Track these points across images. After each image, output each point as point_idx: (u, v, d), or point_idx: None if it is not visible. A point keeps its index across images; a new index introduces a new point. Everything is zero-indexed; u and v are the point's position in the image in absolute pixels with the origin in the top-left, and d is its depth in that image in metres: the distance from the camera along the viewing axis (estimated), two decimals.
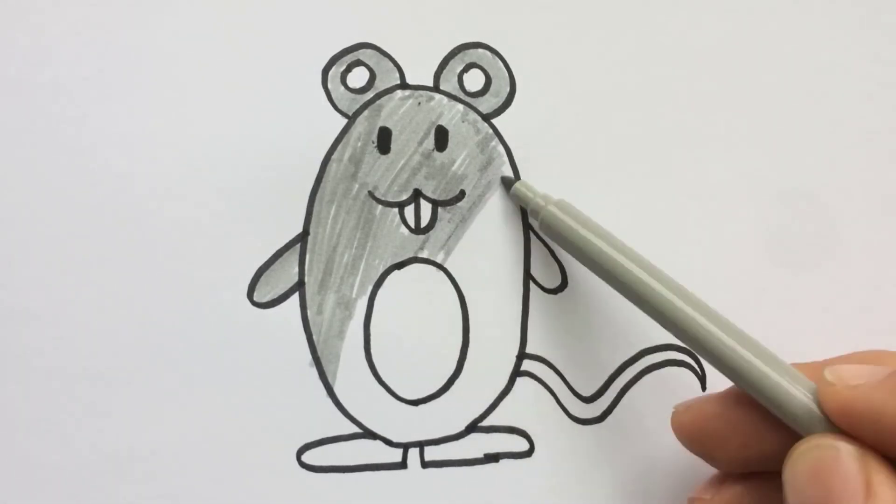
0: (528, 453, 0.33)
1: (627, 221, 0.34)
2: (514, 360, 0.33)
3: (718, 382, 0.34)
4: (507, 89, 0.34)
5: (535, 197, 0.32)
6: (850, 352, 0.28)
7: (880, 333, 0.35)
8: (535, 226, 0.33)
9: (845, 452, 0.23)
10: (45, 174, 0.32)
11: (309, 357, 0.33)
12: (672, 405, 0.30)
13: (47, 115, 0.32)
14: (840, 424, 0.24)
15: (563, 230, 0.30)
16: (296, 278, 0.33)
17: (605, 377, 0.33)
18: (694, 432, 0.28)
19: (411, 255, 0.33)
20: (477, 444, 0.33)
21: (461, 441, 0.33)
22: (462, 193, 0.33)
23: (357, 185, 0.33)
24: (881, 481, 0.23)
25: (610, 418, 0.33)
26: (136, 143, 0.32)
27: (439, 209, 0.33)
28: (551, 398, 0.33)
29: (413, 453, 0.33)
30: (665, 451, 0.33)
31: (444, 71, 0.33)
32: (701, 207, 0.34)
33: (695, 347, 0.27)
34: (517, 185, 0.32)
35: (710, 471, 0.30)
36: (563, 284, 0.34)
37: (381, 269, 0.33)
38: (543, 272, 0.33)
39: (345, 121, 0.33)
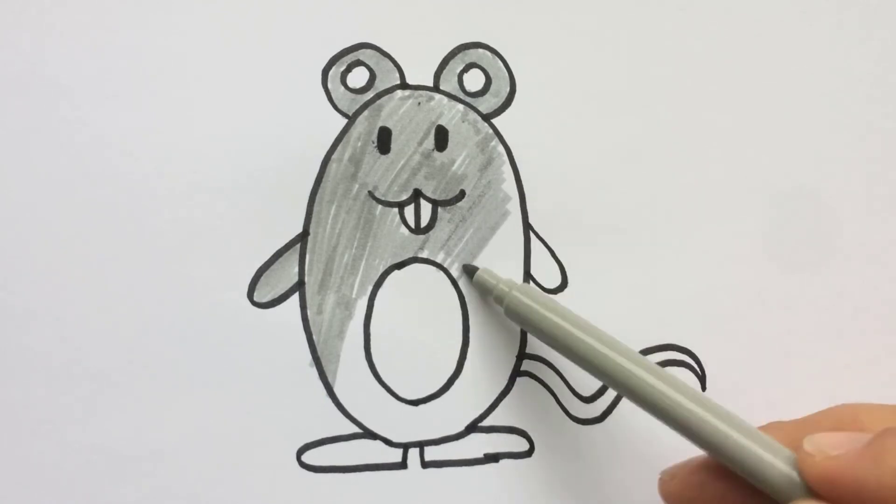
0: (528, 453, 0.33)
1: (627, 221, 0.34)
2: (514, 360, 0.33)
3: (719, 383, 0.34)
4: (507, 89, 0.34)
5: (498, 284, 0.31)
6: (823, 409, 0.28)
7: (880, 333, 0.35)
8: (499, 311, 0.32)
9: None
10: (45, 174, 0.32)
11: (309, 357, 0.33)
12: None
13: (47, 115, 0.32)
14: (821, 493, 0.24)
15: (528, 314, 0.30)
16: (296, 278, 0.33)
17: None
18: (682, 501, 0.28)
19: (411, 255, 0.33)
20: (477, 444, 0.33)
21: (461, 441, 0.33)
22: (462, 193, 0.33)
23: (357, 185, 0.33)
24: None
25: (610, 418, 0.33)
26: (136, 144, 0.32)
27: (439, 209, 0.33)
28: (551, 398, 0.33)
29: (413, 453, 0.33)
30: (664, 451, 0.33)
31: (444, 71, 0.33)
32: (701, 207, 0.34)
33: (670, 424, 0.27)
34: (479, 273, 0.32)
35: None
36: (563, 284, 0.34)
37: (381, 269, 0.33)
38: (543, 272, 0.33)
39: (345, 121, 0.33)
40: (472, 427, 0.33)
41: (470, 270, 0.33)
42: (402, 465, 0.33)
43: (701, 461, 0.28)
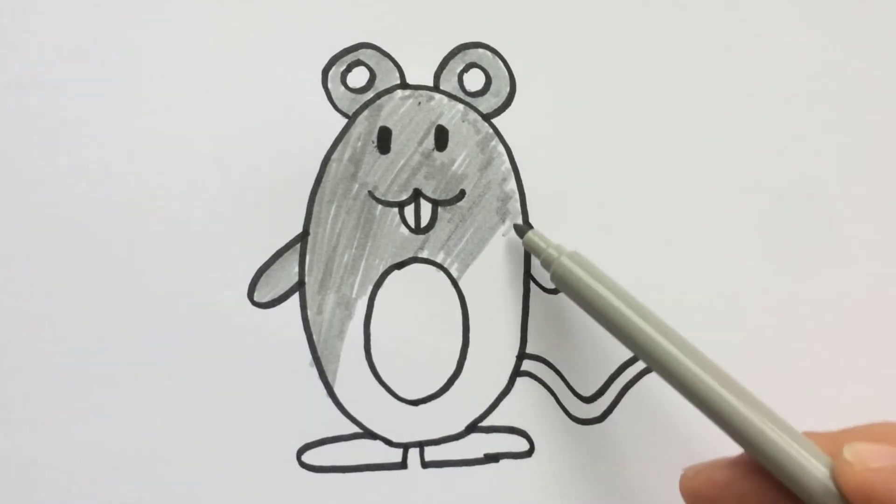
0: (528, 453, 0.33)
1: (627, 221, 0.34)
2: (514, 360, 0.33)
3: None
4: (507, 89, 0.34)
5: (548, 248, 0.31)
6: (862, 424, 0.27)
7: (880, 333, 0.35)
8: (545, 274, 0.32)
9: None
10: (45, 174, 0.32)
11: (309, 357, 0.33)
12: (672, 404, 0.30)
13: (46, 115, 0.32)
14: None
15: (575, 283, 0.30)
16: (296, 278, 0.33)
17: (605, 377, 0.33)
18: (703, 499, 0.27)
19: (411, 255, 0.33)
20: (477, 444, 0.33)
21: (461, 441, 0.33)
22: (462, 193, 0.33)
23: (357, 185, 0.33)
24: None
25: (610, 418, 0.33)
26: (136, 144, 0.32)
27: (439, 209, 0.33)
28: (551, 398, 0.33)
29: (413, 453, 0.33)
30: (665, 451, 0.33)
31: (444, 71, 0.33)
32: (701, 207, 0.34)
33: (709, 415, 0.26)
34: (529, 234, 0.32)
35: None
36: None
37: (381, 269, 0.33)
38: (544, 272, 0.33)
39: (345, 121, 0.33)
40: (472, 427, 0.33)
41: (521, 230, 0.32)
42: (402, 465, 0.33)
43: (728, 460, 0.27)
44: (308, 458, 0.32)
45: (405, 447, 0.33)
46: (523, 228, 0.32)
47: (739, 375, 0.34)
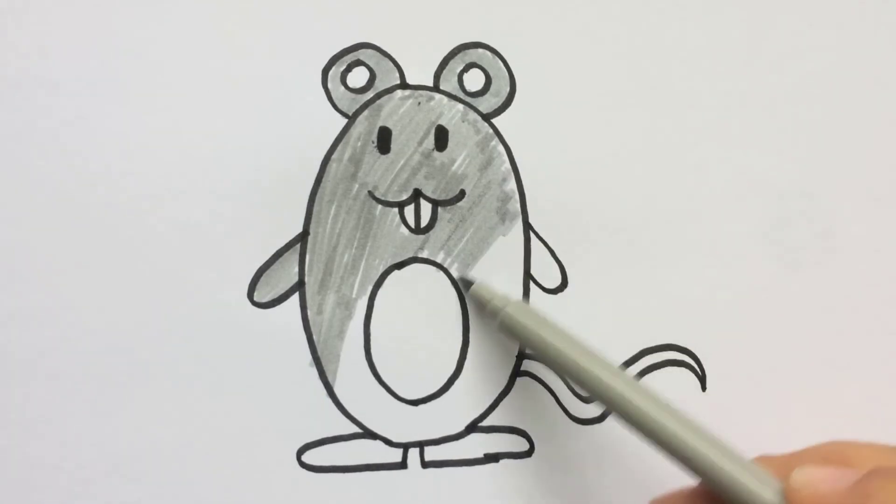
0: (528, 453, 0.33)
1: (627, 221, 0.34)
2: (513, 360, 0.33)
3: (719, 383, 0.34)
4: (507, 89, 0.34)
5: (493, 299, 0.32)
6: (812, 445, 0.28)
7: (880, 333, 0.35)
8: (493, 326, 0.32)
9: None
10: (44, 174, 0.32)
11: (309, 357, 0.33)
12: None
13: (47, 115, 0.32)
14: None
15: (521, 331, 0.31)
16: (296, 278, 0.33)
17: None
18: None
19: (411, 255, 0.33)
20: (477, 444, 0.33)
21: (461, 441, 0.33)
22: (462, 193, 0.33)
23: (357, 185, 0.33)
24: None
25: (610, 418, 0.33)
26: (136, 144, 0.32)
27: (439, 209, 0.33)
28: (551, 398, 0.33)
29: (413, 453, 0.33)
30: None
31: (444, 71, 0.33)
32: (701, 207, 0.34)
33: (662, 450, 0.27)
34: (474, 287, 0.32)
35: None
36: (563, 284, 0.34)
37: (381, 269, 0.33)
38: (543, 272, 0.33)
39: (345, 121, 0.33)
40: (472, 427, 0.33)
41: (466, 284, 0.33)
42: (402, 465, 0.33)
43: (689, 490, 0.28)
44: (308, 458, 0.32)
45: (405, 447, 0.33)
46: (467, 282, 0.33)
47: (739, 375, 0.34)
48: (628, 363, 0.34)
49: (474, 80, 0.33)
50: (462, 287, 0.33)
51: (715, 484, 0.26)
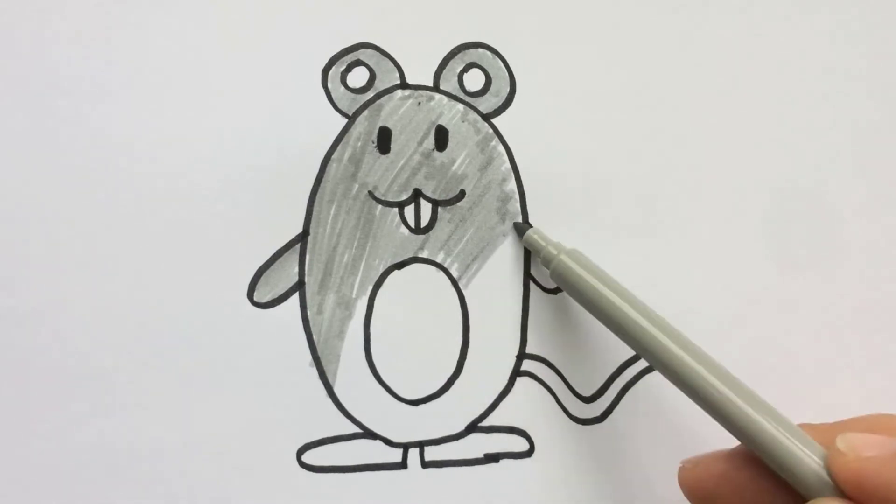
0: (528, 453, 0.33)
1: (627, 221, 0.34)
2: (514, 360, 0.33)
3: None
4: (507, 89, 0.34)
5: (547, 245, 0.31)
6: (859, 415, 0.28)
7: (881, 333, 0.35)
8: (545, 274, 0.32)
9: None
10: (44, 174, 0.32)
11: (309, 357, 0.33)
12: (672, 404, 0.30)
13: (47, 115, 0.32)
14: (850, 494, 0.24)
15: (575, 280, 0.30)
16: (296, 278, 0.33)
17: (605, 377, 0.33)
18: (700, 490, 0.28)
19: (411, 255, 0.33)
20: (477, 444, 0.33)
21: (461, 441, 0.33)
22: (462, 193, 0.33)
23: (357, 185, 0.33)
24: None
25: (610, 418, 0.33)
26: (136, 143, 0.32)
27: (439, 209, 0.33)
28: (551, 398, 0.33)
29: (413, 453, 0.33)
30: (664, 451, 0.33)
31: (444, 71, 0.33)
32: (701, 207, 0.34)
33: (705, 407, 0.27)
34: (529, 232, 0.32)
35: None
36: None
37: (381, 269, 0.33)
38: (543, 272, 0.33)
39: (345, 121, 0.33)
40: (472, 427, 0.33)
41: (521, 229, 0.33)
42: (402, 465, 0.33)
43: (725, 452, 0.28)
44: (308, 458, 0.32)
45: (405, 447, 0.33)
46: (523, 227, 0.33)
47: (741, 373, 0.34)
48: (628, 363, 0.34)
49: (474, 80, 0.33)
50: (517, 232, 0.33)
51: (757, 446, 0.26)
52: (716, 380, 0.27)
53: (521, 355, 0.33)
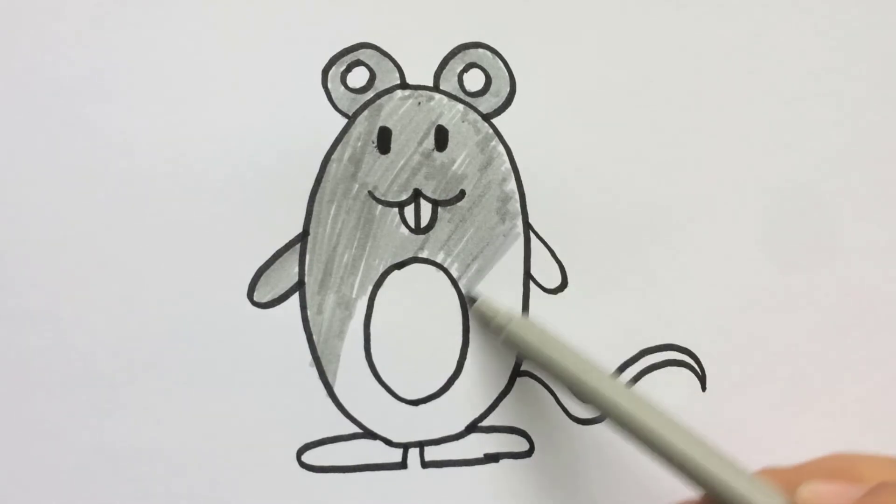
0: (528, 453, 0.33)
1: (627, 221, 0.34)
2: (514, 360, 0.33)
3: (719, 383, 0.34)
4: (507, 89, 0.34)
5: (497, 315, 0.32)
6: (817, 457, 0.28)
7: (881, 333, 0.35)
8: (497, 341, 0.32)
9: None
10: (44, 174, 0.32)
11: (309, 357, 0.33)
12: (671, 404, 0.30)
13: (47, 115, 0.32)
14: None
15: (525, 346, 0.31)
16: (296, 278, 0.33)
17: None
18: None
19: (411, 255, 0.33)
20: (477, 444, 0.33)
21: (461, 441, 0.33)
22: (462, 193, 0.33)
23: (357, 185, 0.33)
24: None
25: (609, 420, 0.33)
26: (136, 144, 0.32)
27: (439, 209, 0.33)
28: (551, 398, 0.33)
29: (413, 453, 0.33)
30: None
31: (444, 71, 0.33)
32: (701, 207, 0.34)
33: (665, 462, 0.28)
34: (478, 304, 0.32)
35: None
36: (563, 284, 0.34)
37: (381, 269, 0.33)
38: (543, 272, 0.33)
39: (345, 121, 0.33)
40: (472, 427, 0.33)
41: (470, 300, 0.33)
42: (402, 465, 0.33)
43: (696, 502, 0.28)
44: (308, 458, 0.32)
45: (405, 447, 0.33)
46: (471, 298, 0.33)
47: (739, 375, 0.34)
48: (628, 363, 0.34)
49: (474, 80, 0.33)
50: (468, 303, 0.33)
51: (719, 498, 0.26)
52: (674, 433, 0.27)
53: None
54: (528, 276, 0.34)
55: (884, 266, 0.35)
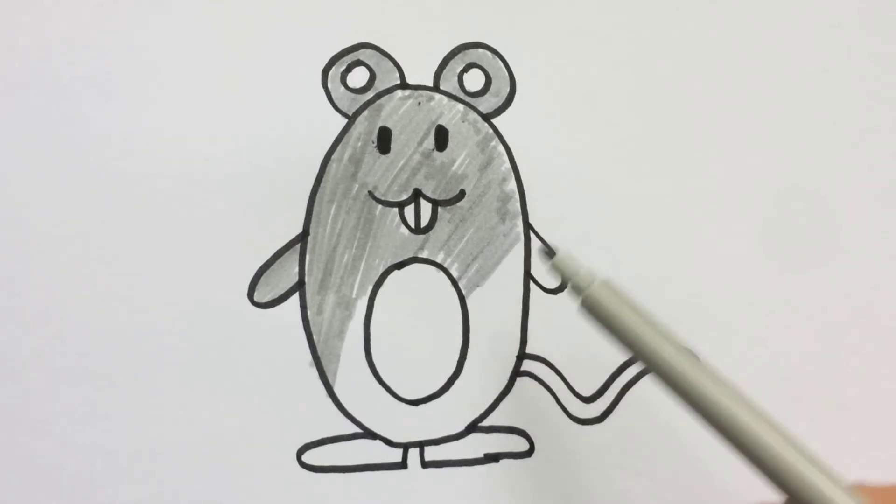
0: (528, 453, 0.33)
1: (627, 221, 0.34)
2: (514, 360, 0.33)
3: None
4: (507, 89, 0.34)
5: (576, 275, 0.28)
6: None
7: (880, 333, 0.35)
8: (545, 274, 0.31)
9: None
10: (45, 174, 0.32)
11: (309, 357, 0.33)
12: (671, 404, 0.30)
13: (47, 115, 0.32)
14: None
15: (607, 315, 0.27)
16: (296, 278, 0.33)
17: (605, 377, 0.33)
18: None
19: (411, 255, 0.33)
20: (477, 444, 0.33)
21: (461, 441, 0.33)
22: (462, 193, 0.33)
23: (357, 185, 0.33)
24: None
25: (610, 418, 0.33)
26: (137, 143, 0.32)
27: (439, 209, 0.33)
28: (551, 398, 0.33)
29: (413, 453, 0.33)
30: (665, 451, 0.33)
31: (444, 71, 0.33)
32: (701, 207, 0.34)
33: (755, 466, 0.24)
34: (555, 260, 0.28)
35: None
36: (564, 284, 0.34)
37: (381, 269, 0.33)
38: (543, 272, 0.33)
39: (345, 121, 0.33)
40: (472, 427, 0.33)
41: (548, 254, 0.30)
42: (402, 465, 0.33)
43: None
44: (308, 458, 0.32)
45: (405, 447, 0.33)
46: (549, 252, 0.30)
47: (739, 375, 0.34)
48: (628, 363, 0.34)
49: (474, 80, 0.33)
50: (542, 258, 0.30)
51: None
52: (768, 433, 0.24)
53: (521, 355, 0.33)
54: (528, 276, 0.34)
55: (884, 266, 0.35)
